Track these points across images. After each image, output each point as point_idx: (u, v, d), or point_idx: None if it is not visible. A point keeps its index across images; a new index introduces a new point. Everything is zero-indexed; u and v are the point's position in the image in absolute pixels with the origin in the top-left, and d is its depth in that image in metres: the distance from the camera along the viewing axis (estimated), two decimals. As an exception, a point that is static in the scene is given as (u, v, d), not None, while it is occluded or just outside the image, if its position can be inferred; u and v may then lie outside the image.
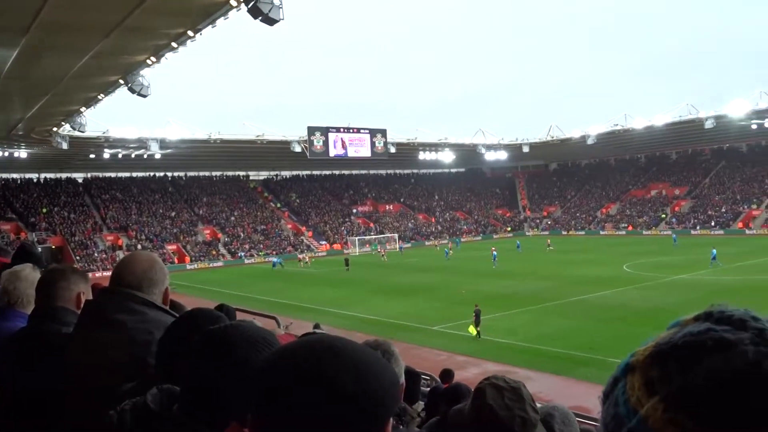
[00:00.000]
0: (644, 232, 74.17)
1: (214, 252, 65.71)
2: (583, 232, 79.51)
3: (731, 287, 31.75)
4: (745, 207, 71.62)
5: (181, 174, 79.43)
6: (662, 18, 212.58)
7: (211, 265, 61.92)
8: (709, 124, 64.20)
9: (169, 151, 60.52)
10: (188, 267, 60.59)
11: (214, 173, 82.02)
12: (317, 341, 0.95)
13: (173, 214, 71.47)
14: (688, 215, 75.23)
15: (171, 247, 64.38)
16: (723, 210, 72.77)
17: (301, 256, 61.13)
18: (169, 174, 78.15)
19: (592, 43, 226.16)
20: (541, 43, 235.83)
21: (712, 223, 70.69)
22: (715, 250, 41.68)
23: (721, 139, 77.40)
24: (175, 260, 61.99)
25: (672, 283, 33.75)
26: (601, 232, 77.94)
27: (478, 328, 23.86)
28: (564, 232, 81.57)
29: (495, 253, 48.51)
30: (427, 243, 75.50)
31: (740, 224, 68.59)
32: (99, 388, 1.86)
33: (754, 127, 65.51)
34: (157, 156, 60.51)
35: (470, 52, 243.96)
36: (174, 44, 22.69)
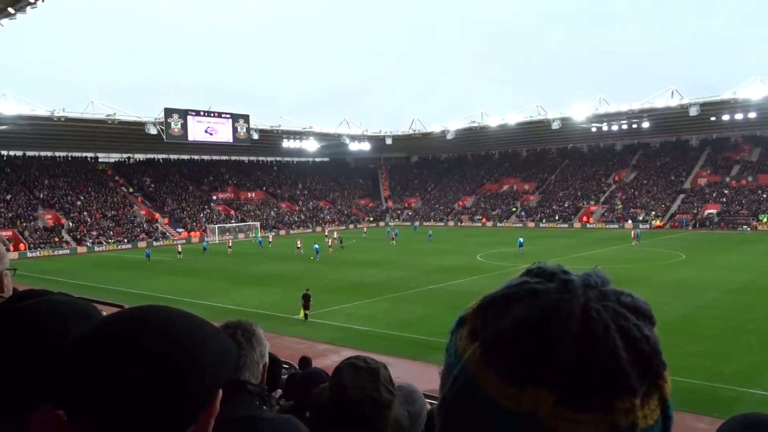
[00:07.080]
0: (498, 224, 78.49)
1: (56, 239, 60.70)
2: (484, 223, 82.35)
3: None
4: (585, 203, 77.94)
5: (19, 153, 72.41)
6: (520, 32, 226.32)
7: (54, 253, 57.20)
8: (555, 125, 69.33)
9: (4, 127, 55.19)
10: (28, 255, 55.55)
11: (57, 154, 75.70)
12: (128, 314, 0.88)
13: (8, 197, 65.08)
14: (536, 209, 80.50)
15: (5, 234, 58.61)
16: (566, 205, 78.65)
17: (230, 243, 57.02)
18: (4, 153, 70.83)
19: (461, 47, 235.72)
20: (410, 43, 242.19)
21: (557, 217, 76.21)
22: (521, 239, 46.41)
23: (566, 139, 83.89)
24: (11, 248, 56.56)
25: (521, 272, 35.87)
26: (499, 224, 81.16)
27: (307, 311, 24.81)
28: (466, 224, 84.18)
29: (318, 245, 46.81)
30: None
31: (581, 218, 74.53)
32: None
33: (593, 129, 71.65)
34: (-10, 133, 55.01)
35: (340, 47, 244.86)
36: (11, 9, 20.52)
